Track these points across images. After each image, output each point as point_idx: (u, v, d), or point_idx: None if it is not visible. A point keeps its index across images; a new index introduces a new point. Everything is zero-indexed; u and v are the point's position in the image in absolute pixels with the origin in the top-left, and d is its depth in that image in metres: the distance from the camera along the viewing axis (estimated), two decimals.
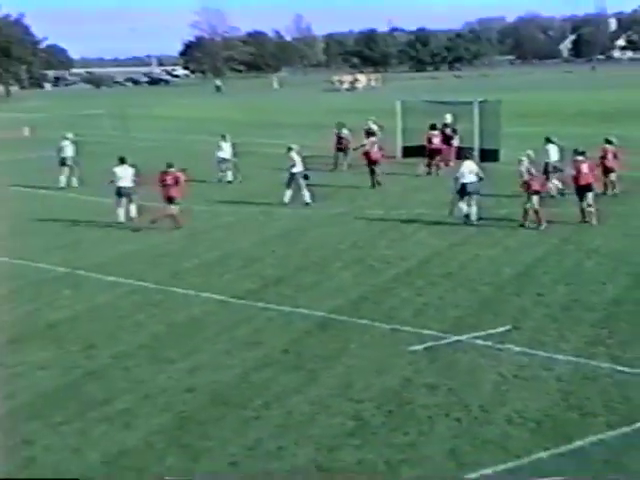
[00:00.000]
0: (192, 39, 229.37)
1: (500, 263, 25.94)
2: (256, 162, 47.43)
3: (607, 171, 35.76)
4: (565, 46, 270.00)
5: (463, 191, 31.69)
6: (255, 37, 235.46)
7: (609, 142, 35.98)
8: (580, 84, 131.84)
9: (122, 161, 34.58)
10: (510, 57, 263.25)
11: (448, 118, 46.44)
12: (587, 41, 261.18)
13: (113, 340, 20.07)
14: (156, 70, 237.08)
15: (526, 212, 30.82)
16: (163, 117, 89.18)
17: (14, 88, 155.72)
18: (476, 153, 42.08)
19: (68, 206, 38.26)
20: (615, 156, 35.63)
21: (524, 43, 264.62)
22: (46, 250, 29.49)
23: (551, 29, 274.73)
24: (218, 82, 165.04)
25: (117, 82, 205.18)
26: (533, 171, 31.24)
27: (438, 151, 44.92)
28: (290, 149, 36.97)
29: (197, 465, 13.97)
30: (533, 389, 16.55)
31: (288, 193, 36.01)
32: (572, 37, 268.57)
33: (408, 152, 47.76)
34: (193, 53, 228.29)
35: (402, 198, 37.25)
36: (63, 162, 44.66)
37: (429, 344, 18.98)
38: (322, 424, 15.28)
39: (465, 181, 31.66)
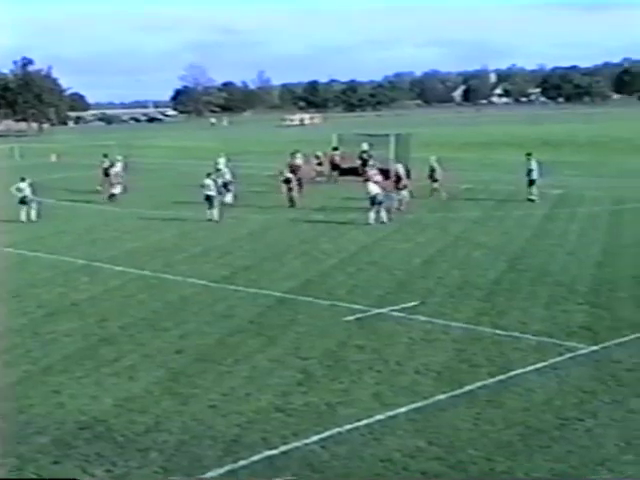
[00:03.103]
0: (180, 87, 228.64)
1: (411, 254, 26.03)
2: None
3: (434, 181, 38.96)
4: (458, 94, 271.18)
5: (373, 201, 31.84)
6: (227, 86, 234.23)
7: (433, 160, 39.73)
8: (468, 122, 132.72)
9: (208, 175, 35.17)
10: (417, 101, 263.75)
11: (364, 146, 46.54)
12: (474, 90, 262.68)
13: (121, 314, 19.88)
14: (152, 111, 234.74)
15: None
16: (159, 146, 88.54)
17: (45, 125, 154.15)
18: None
19: (91, 214, 37.93)
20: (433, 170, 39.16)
21: (428, 91, 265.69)
22: (72, 247, 29.18)
23: (448, 81, 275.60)
24: (213, 120, 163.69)
25: (123, 120, 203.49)
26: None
27: (338, 166, 47.49)
28: (209, 174, 35.62)
29: (185, 407, 13.88)
30: (435, 348, 16.61)
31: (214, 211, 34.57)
32: (463, 87, 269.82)
33: (343, 172, 47.83)
34: (181, 98, 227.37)
35: (338, 206, 37.23)
36: (109, 176, 44.59)
37: (358, 315, 18.99)
38: (278, 376, 15.23)
39: (373, 193, 31.84)
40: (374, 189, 32.06)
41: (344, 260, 25.49)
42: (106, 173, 44.75)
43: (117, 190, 41.75)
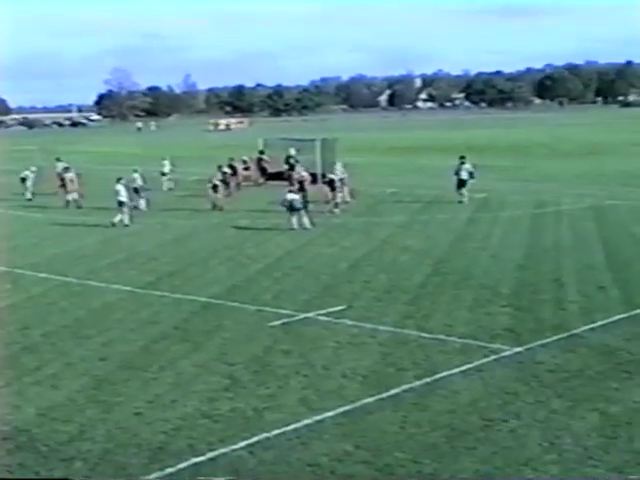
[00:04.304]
0: (105, 92, 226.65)
1: (337, 258, 26.12)
2: (153, 186, 46.69)
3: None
4: (383, 98, 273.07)
5: (292, 207, 31.74)
6: (152, 90, 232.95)
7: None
8: (394, 127, 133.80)
9: (119, 180, 34.93)
10: (343, 106, 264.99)
11: (292, 151, 46.48)
12: (399, 95, 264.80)
13: (43, 322, 19.56)
14: (75, 115, 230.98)
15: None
16: (84, 152, 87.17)
17: None
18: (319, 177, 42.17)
19: (11, 220, 37.25)
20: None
21: (353, 96, 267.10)
22: None
23: (373, 86, 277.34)
24: (139, 124, 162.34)
25: (46, 125, 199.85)
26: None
27: (265, 170, 48.23)
28: (119, 179, 35.17)
29: (110, 415, 13.70)
30: (362, 352, 16.69)
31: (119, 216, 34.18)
32: (388, 92, 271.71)
33: (269, 177, 47.94)
34: (105, 102, 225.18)
35: (264, 211, 37.14)
36: (23, 180, 44.80)
37: (284, 320, 18.98)
38: (204, 382, 15.15)
39: (290, 198, 31.73)
40: (290, 195, 31.95)
41: (270, 265, 25.46)
42: (60, 178, 44.17)
43: (74, 196, 40.85)
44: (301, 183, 36.09)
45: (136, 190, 38.13)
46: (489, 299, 20.54)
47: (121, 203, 34.11)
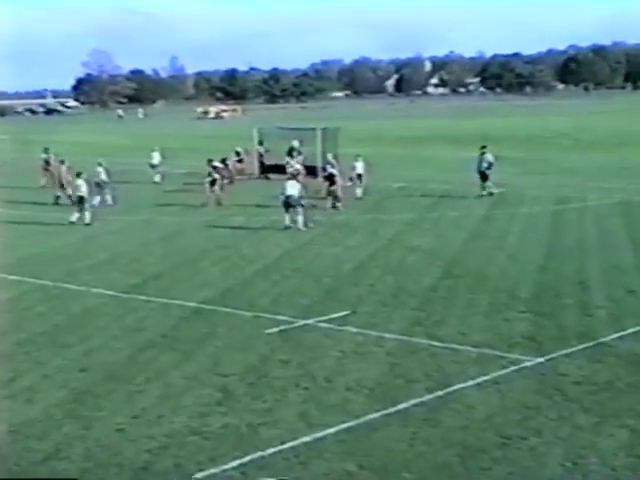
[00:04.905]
0: (83, 75, 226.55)
1: (340, 259, 26.11)
2: (139, 179, 46.72)
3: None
4: (390, 83, 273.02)
5: (287, 204, 31.66)
6: (136, 74, 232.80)
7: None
8: (401, 114, 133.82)
9: (78, 175, 34.74)
10: (346, 92, 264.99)
11: (295, 143, 46.60)
12: (407, 80, 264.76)
13: (17, 329, 19.51)
14: (51, 101, 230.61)
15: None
16: (62, 142, 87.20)
17: None
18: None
19: None
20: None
21: (357, 81, 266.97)
22: None
23: (379, 70, 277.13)
24: (120, 112, 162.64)
25: (17, 112, 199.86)
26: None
27: (262, 162, 49.02)
28: (79, 174, 34.89)
29: (89, 432, 13.68)
30: (367, 362, 16.67)
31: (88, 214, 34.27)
32: (395, 76, 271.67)
33: (267, 170, 48.03)
34: (83, 87, 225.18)
35: (260, 207, 37.13)
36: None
37: (283, 327, 18.96)
38: (194, 395, 15.13)
39: (287, 194, 31.60)
40: (288, 189, 31.84)
41: (267, 266, 25.45)
42: (46, 169, 45.09)
43: (67, 191, 40.55)
44: (295, 177, 36.04)
45: (98, 185, 38.26)
46: (507, 304, 20.51)
47: (82, 199, 34.07)
